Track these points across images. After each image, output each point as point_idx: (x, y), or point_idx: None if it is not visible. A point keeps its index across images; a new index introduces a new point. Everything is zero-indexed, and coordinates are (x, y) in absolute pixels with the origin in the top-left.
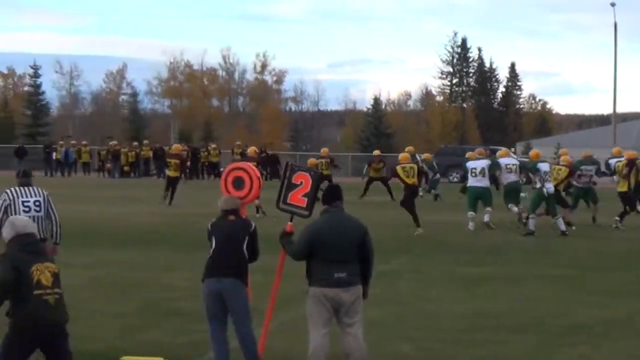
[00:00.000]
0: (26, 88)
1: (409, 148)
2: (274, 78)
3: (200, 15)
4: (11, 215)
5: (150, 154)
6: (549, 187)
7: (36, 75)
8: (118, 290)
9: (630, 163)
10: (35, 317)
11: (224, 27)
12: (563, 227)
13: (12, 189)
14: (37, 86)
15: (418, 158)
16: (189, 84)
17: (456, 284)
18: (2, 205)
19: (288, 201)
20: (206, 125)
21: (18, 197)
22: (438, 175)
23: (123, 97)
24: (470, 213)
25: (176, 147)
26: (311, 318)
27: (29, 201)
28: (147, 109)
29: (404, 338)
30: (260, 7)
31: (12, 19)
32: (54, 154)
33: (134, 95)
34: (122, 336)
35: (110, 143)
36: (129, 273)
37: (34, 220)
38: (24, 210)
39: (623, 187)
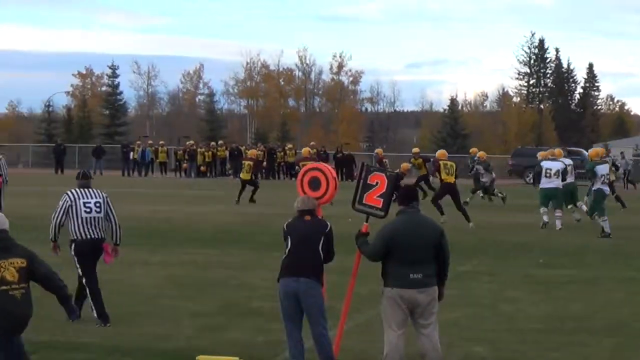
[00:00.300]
0: (104, 88)
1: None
2: (350, 79)
3: (277, 15)
4: (73, 216)
5: (227, 154)
6: (606, 188)
7: (114, 75)
8: (195, 289)
9: None
10: (2, 312)
11: (301, 28)
12: (608, 229)
13: (73, 190)
14: (115, 86)
15: (476, 158)
16: (266, 84)
17: (532, 285)
18: (63, 206)
19: (364, 202)
20: (282, 125)
21: (79, 198)
22: (493, 175)
23: (200, 97)
24: (543, 208)
25: (252, 152)
26: (386, 319)
27: (90, 202)
28: (224, 109)
29: (480, 339)
30: (337, 8)
31: (91, 20)
32: (132, 153)
33: (211, 95)
34: (199, 335)
35: (187, 143)
36: (206, 272)
37: (94, 220)
38: (85, 211)
39: None
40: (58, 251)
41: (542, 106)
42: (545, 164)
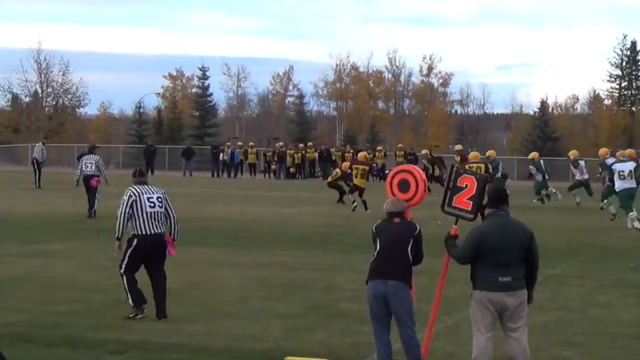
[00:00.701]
0: (194, 90)
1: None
2: (440, 80)
3: (367, 17)
4: (137, 210)
5: (316, 155)
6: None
7: (204, 77)
8: (283, 290)
9: None
10: None
11: (391, 29)
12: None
13: (134, 187)
14: (205, 88)
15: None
16: (355, 86)
17: (624, 290)
18: (128, 201)
19: (453, 204)
20: (371, 127)
21: (143, 194)
22: (547, 177)
23: (289, 98)
24: (632, 213)
25: (362, 155)
26: (475, 322)
27: (152, 197)
28: (313, 110)
29: (569, 343)
30: (428, 10)
31: (182, 21)
32: (221, 155)
33: (300, 97)
34: (287, 336)
35: (276, 144)
36: (294, 274)
37: (157, 215)
38: (149, 206)
39: None
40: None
41: (634, 109)
42: (617, 166)
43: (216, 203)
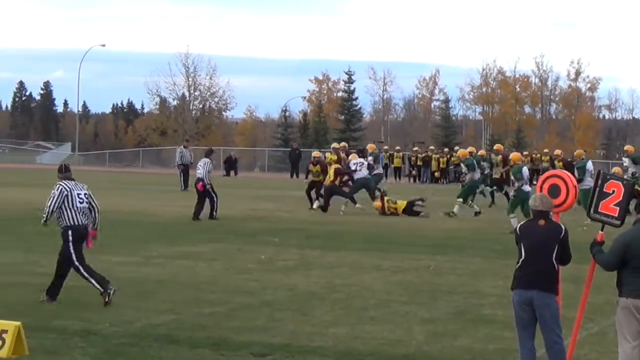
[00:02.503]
0: (340, 93)
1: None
2: (588, 85)
3: (514, 22)
4: (69, 204)
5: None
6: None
7: (350, 80)
8: (426, 295)
9: None
10: None
11: (538, 34)
12: None
13: (64, 182)
14: (351, 92)
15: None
16: (502, 91)
17: None
18: (60, 194)
19: (599, 210)
20: (517, 132)
21: (73, 190)
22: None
23: (435, 103)
24: None
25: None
26: (621, 329)
27: (81, 193)
28: (459, 115)
29: None
30: (575, 14)
31: (328, 25)
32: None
33: (446, 101)
34: (430, 341)
35: (414, 149)
36: (437, 278)
37: (85, 209)
38: (79, 201)
39: None
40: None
41: None
42: None
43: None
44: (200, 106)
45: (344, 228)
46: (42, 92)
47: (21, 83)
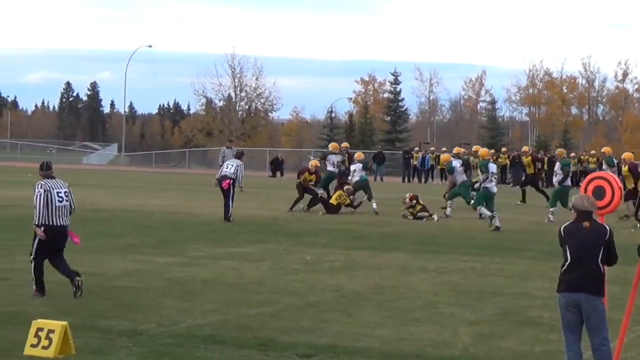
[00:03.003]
0: (386, 95)
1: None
2: (635, 86)
3: (561, 22)
4: (48, 203)
5: (507, 161)
6: (493, 186)
7: (396, 82)
8: (472, 296)
9: None
10: None
11: (586, 35)
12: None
13: (44, 180)
14: (397, 93)
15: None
16: (548, 92)
17: None
18: (43, 193)
19: None
20: (564, 133)
21: (54, 189)
22: None
23: (481, 104)
24: None
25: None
26: None
27: (61, 192)
28: (505, 116)
29: None
30: (623, 15)
31: (374, 27)
32: (412, 160)
33: (493, 102)
34: (476, 342)
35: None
36: (483, 280)
37: (64, 209)
38: (58, 200)
39: None
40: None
41: None
42: None
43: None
44: (247, 107)
45: (391, 230)
46: (89, 92)
47: (68, 84)
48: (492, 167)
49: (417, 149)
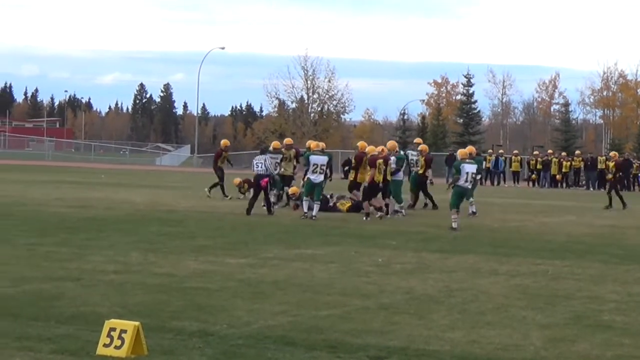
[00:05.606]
0: (459, 97)
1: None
2: None
3: (637, 24)
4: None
5: (582, 164)
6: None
7: (469, 84)
8: (544, 299)
9: None
10: None
11: None
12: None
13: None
14: (470, 95)
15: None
16: (623, 94)
17: None
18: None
19: None
20: (639, 136)
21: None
22: None
23: (555, 106)
24: None
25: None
26: None
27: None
28: (579, 118)
29: None
30: None
31: (446, 29)
32: (484, 162)
33: (566, 105)
34: (547, 346)
35: (536, 152)
36: (555, 283)
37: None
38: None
39: None
40: None
41: None
42: None
43: (479, 211)
44: (319, 109)
45: (463, 232)
46: (162, 94)
47: (142, 85)
48: (465, 169)
49: (490, 151)
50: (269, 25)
